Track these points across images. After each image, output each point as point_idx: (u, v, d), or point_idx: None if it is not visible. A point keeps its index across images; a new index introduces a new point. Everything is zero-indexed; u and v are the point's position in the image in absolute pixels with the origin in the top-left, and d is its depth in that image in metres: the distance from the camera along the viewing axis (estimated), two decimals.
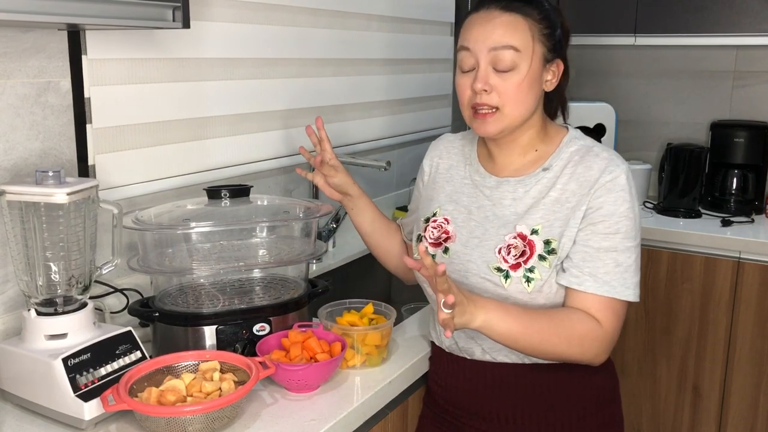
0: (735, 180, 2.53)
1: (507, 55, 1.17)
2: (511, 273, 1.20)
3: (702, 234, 2.29)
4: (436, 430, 1.36)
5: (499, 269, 1.21)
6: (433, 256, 1.30)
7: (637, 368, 2.45)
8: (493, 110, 1.20)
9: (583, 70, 2.93)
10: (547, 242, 1.19)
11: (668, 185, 2.56)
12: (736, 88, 2.69)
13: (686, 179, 2.53)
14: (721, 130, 2.59)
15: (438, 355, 1.35)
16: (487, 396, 1.27)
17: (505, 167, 1.29)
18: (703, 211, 2.53)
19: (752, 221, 2.43)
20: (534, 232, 1.20)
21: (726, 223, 2.39)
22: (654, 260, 2.36)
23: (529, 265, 1.19)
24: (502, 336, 1.13)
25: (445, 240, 1.30)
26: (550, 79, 1.24)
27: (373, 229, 1.49)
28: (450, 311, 1.03)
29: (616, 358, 2.44)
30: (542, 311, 1.18)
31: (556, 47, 1.23)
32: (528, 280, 1.19)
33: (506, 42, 1.17)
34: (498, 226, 1.24)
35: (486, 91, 1.19)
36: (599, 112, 2.67)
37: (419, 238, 1.35)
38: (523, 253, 1.20)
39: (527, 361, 1.24)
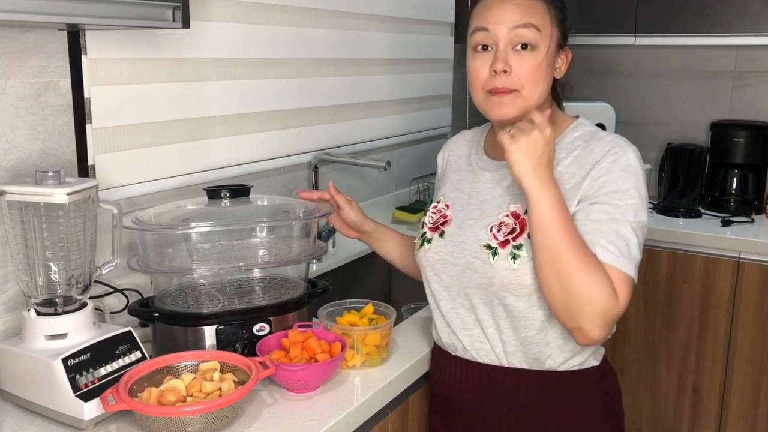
0: (735, 180, 2.53)
1: (529, 33, 1.16)
2: (499, 250, 1.19)
3: (702, 234, 2.29)
4: (435, 423, 1.39)
5: (488, 246, 1.20)
6: (430, 240, 1.31)
7: (637, 368, 2.45)
8: (510, 92, 1.18)
9: (583, 70, 2.93)
10: None
11: (668, 185, 2.56)
12: (736, 88, 2.69)
13: (686, 179, 2.53)
14: (721, 130, 2.59)
15: (435, 349, 1.37)
16: (471, 394, 1.28)
17: None
18: (703, 211, 2.54)
19: (752, 221, 2.43)
20: (528, 211, 1.19)
21: (726, 223, 2.39)
22: (654, 260, 2.36)
23: (517, 243, 1.18)
24: (537, 217, 1.10)
25: (443, 224, 1.30)
26: (560, 66, 1.25)
27: (400, 253, 1.50)
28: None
29: (615, 358, 2.45)
30: (586, 244, 1.12)
31: (566, 35, 1.24)
32: (514, 257, 1.17)
33: (528, 20, 1.16)
34: (494, 206, 1.24)
35: (506, 72, 1.16)
36: (599, 112, 2.67)
37: (422, 225, 1.36)
38: (512, 231, 1.19)
39: (506, 364, 1.24)
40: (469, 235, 1.25)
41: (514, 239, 1.19)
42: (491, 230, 1.22)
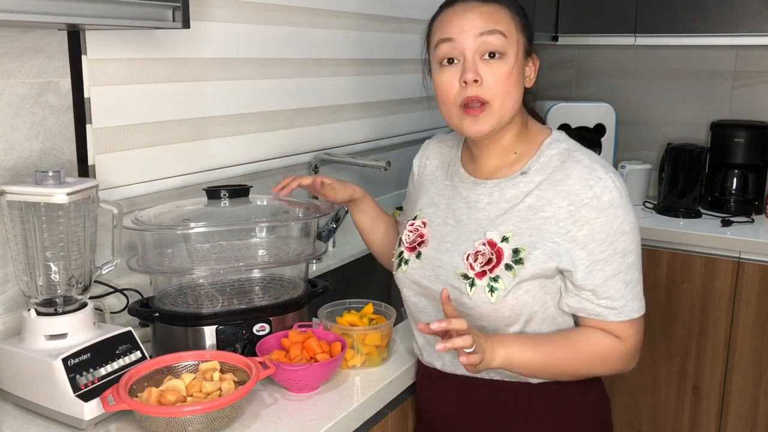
0: (735, 180, 2.53)
1: (496, 40, 1.11)
2: (477, 281, 1.15)
3: (702, 234, 2.29)
4: None
5: (465, 276, 1.16)
6: (407, 261, 1.27)
7: (637, 368, 2.43)
8: (482, 107, 1.13)
9: (583, 70, 2.93)
10: (516, 251, 1.13)
11: (668, 185, 2.56)
12: (736, 88, 2.69)
13: (686, 179, 2.53)
14: (721, 130, 2.59)
15: (417, 363, 1.34)
16: (452, 406, 1.26)
17: (484, 169, 1.23)
18: (703, 211, 2.54)
19: (752, 221, 2.43)
20: (504, 239, 1.14)
21: (726, 223, 2.39)
22: (654, 260, 2.36)
23: (494, 274, 1.14)
24: (523, 368, 1.13)
25: (419, 244, 1.26)
26: (529, 74, 1.20)
27: (373, 228, 1.48)
28: (471, 351, 1.03)
29: None
30: (559, 334, 1.17)
31: (531, 41, 1.20)
32: (492, 290, 1.13)
33: (494, 26, 1.12)
34: (470, 231, 1.19)
35: (476, 81, 1.11)
36: (599, 112, 2.67)
37: (399, 242, 1.31)
38: (489, 261, 1.14)
39: (485, 376, 1.21)
40: (446, 259, 1.20)
41: (491, 270, 1.14)
42: (467, 258, 1.17)
